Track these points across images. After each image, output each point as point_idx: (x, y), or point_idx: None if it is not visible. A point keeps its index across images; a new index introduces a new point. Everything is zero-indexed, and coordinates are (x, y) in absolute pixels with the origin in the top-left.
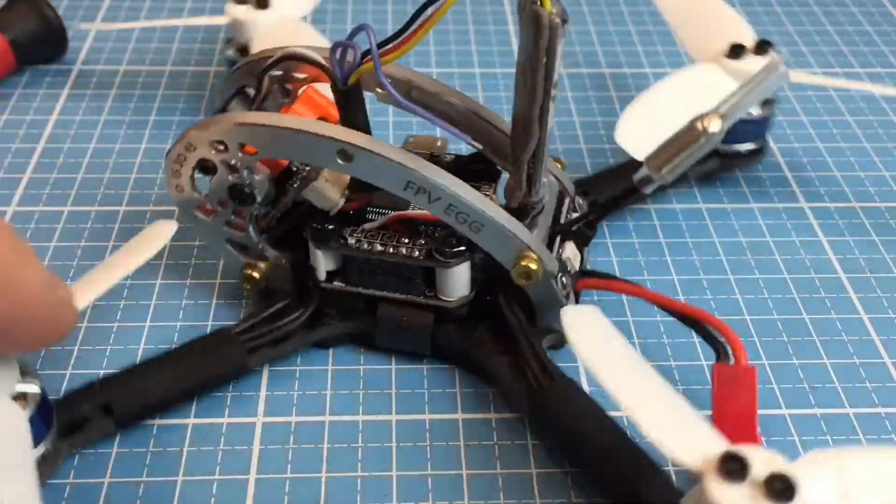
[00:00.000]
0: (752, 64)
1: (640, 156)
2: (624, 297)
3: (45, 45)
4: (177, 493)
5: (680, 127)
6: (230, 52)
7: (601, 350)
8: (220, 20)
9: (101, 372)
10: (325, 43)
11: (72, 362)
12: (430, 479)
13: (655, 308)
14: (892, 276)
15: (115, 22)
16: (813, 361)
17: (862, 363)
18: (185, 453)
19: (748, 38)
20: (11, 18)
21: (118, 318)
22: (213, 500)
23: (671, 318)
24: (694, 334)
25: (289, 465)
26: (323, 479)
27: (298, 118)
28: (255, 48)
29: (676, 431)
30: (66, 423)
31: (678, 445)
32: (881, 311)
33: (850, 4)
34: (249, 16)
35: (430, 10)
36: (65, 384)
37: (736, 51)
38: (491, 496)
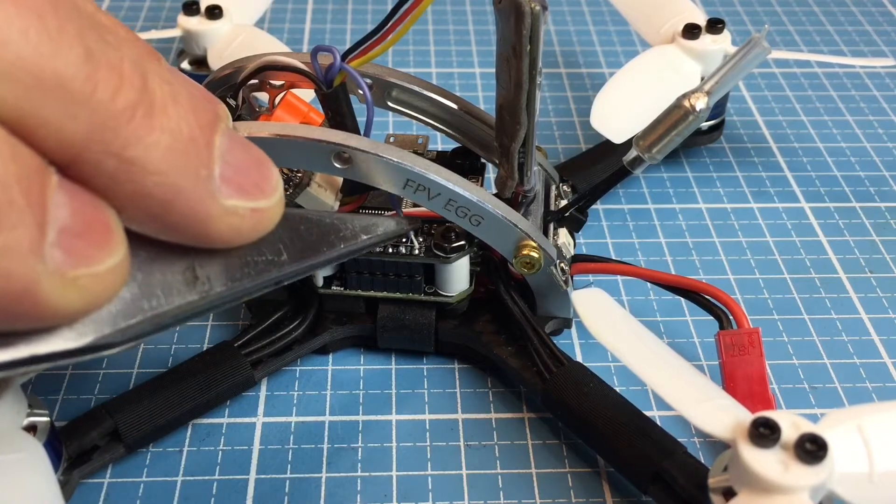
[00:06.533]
0: (708, 43)
1: (616, 138)
2: (619, 279)
3: None
4: (177, 493)
5: (651, 105)
6: (184, 65)
7: (619, 331)
8: (172, 33)
9: (94, 397)
10: (284, 47)
11: (63, 386)
12: (430, 479)
13: (649, 288)
14: (892, 276)
15: None
16: (813, 361)
17: (862, 363)
18: (185, 453)
19: (700, 19)
20: None
21: None
22: (212, 500)
23: (665, 297)
24: (688, 313)
25: (289, 465)
26: (323, 479)
27: (290, 125)
28: (212, 59)
29: (702, 403)
30: (76, 453)
31: (706, 417)
32: (881, 311)
33: (850, 4)
34: (202, 26)
35: (407, 5)
36: (57, 409)
37: (691, 31)
38: (491, 496)
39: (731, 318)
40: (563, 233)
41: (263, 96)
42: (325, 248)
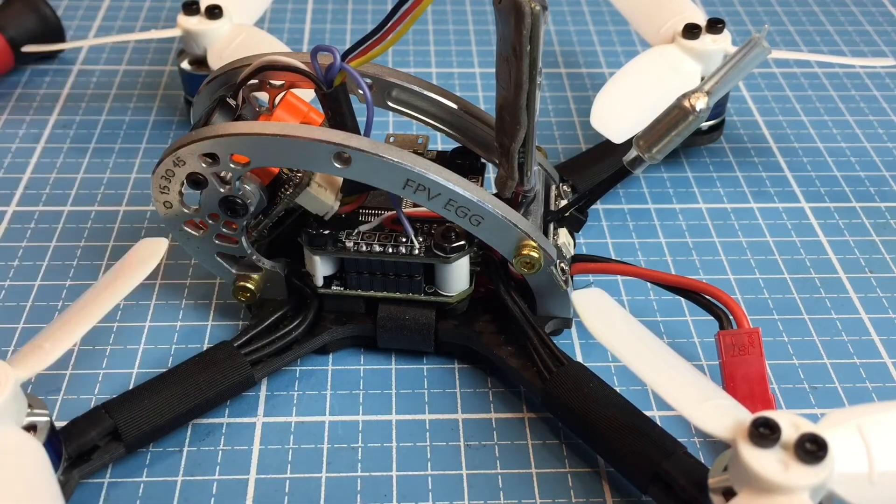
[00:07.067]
0: (708, 43)
1: (616, 138)
2: (619, 279)
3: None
4: (177, 493)
5: (651, 105)
6: (185, 65)
7: (619, 331)
8: (172, 33)
9: (94, 397)
10: (284, 47)
11: (63, 386)
12: (430, 479)
13: (649, 288)
14: (892, 276)
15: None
16: (813, 361)
17: (862, 363)
18: (185, 454)
19: (700, 19)
20: (9, 17)
21: (111, 340)
22: (212, 500)
23: (665, 297)
24: (688, 313)
25: (289, 465)
26: (323, 479)
27: (290, 125)
28: (212, 58)
29: (702, 403)
30: (75, 452)
31: (706, 417)
32: (881, 311)
33: (850, 4)
34: (202, 26)
35: (407, 5)
36: (57, 409)
37: (691, 31)
38: (491, 496)
39: (731, 318)
40: (563, 233)
41: (263, 96)
42: None
